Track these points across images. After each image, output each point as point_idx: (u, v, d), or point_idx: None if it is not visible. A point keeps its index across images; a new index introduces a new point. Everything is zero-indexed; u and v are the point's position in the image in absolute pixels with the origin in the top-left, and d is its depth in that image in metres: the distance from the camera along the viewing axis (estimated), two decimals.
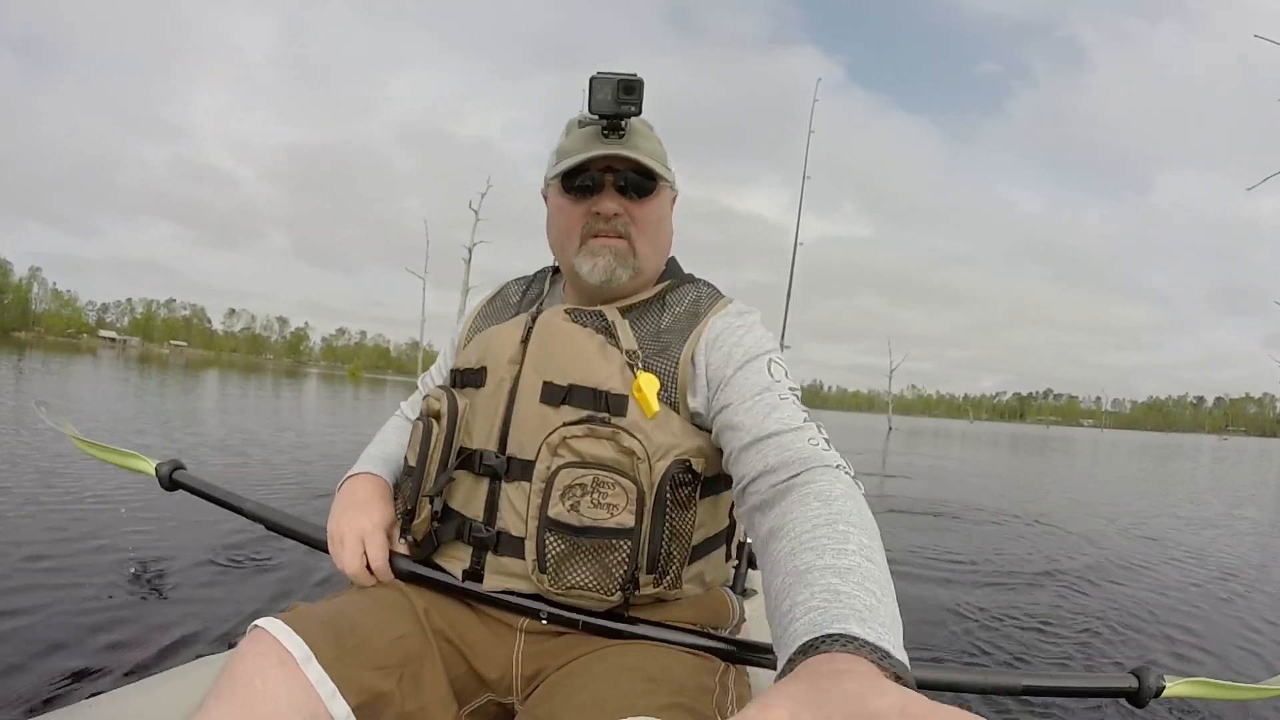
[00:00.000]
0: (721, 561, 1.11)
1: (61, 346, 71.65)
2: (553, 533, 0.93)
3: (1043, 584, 3.97)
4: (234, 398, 16.42)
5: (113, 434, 6.89)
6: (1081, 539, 5.58)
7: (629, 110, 0.98)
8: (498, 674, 0.99)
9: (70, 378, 17.13)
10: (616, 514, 0.92)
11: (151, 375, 23.56)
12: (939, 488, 9.06)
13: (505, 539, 0.98)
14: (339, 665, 0.83)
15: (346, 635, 0.88)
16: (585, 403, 0.97)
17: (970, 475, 11.84)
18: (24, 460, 4.89)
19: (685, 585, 1.00)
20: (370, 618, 0.93)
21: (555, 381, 0.99)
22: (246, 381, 27.34)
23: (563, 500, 0.92)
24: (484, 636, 1.01)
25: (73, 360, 29.59)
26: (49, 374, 17.31)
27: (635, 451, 0.93)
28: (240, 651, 0.83)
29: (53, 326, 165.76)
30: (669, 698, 0.80)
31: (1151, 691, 1.05)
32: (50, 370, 19.06)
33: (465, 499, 1.03)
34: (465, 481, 1.03)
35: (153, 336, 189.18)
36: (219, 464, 5.88)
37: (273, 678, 0.79)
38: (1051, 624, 3.21)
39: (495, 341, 1.09)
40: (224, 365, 64.15)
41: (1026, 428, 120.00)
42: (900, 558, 4.30)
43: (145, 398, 13.07)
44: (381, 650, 0.90)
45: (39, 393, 11.58)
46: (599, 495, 0.92)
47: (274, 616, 0.86)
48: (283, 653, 0.81)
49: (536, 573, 0.94)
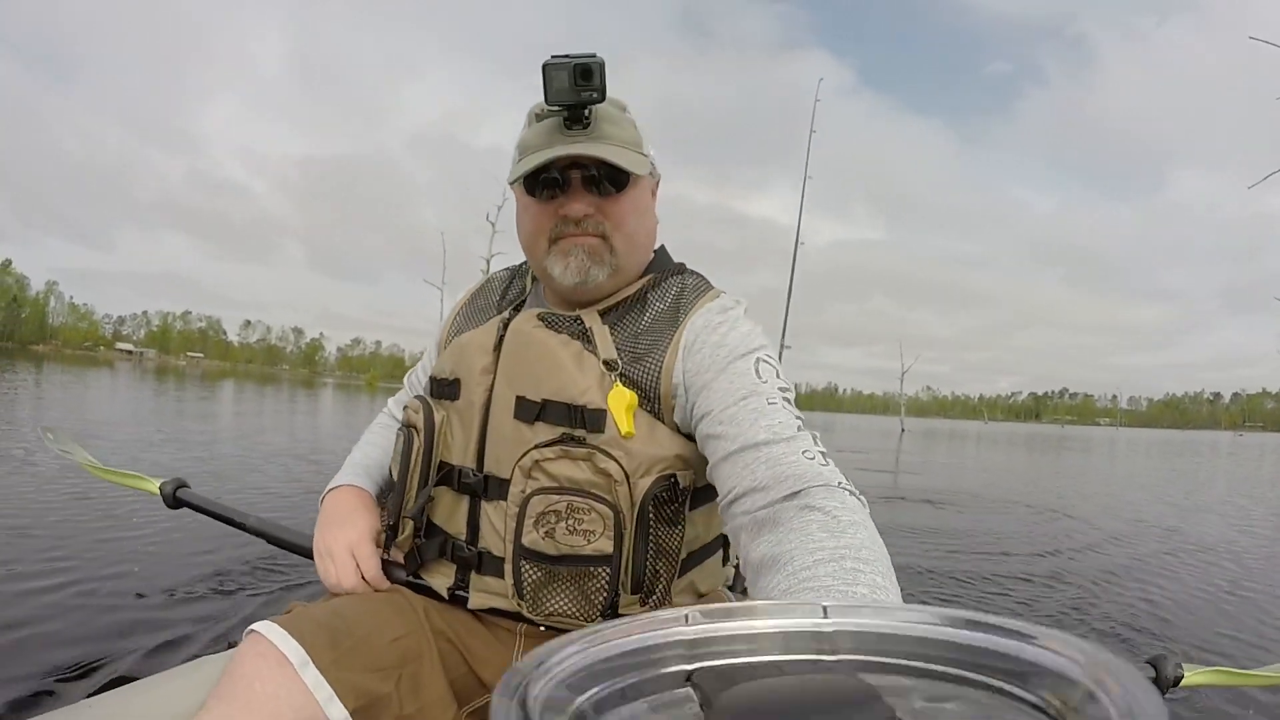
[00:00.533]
0: (717, 568, 1.07)
1: (79, 359, 72.31)
2: (528, 561, 0.89)
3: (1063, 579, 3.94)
4: (270, 413, 16.46)
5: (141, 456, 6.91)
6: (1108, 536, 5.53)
7: (590, 97, 0.87)
8: (497, 675, 0.95)
9: (89, 391, 17.23)
10: (594, 540, 0.87)
11: (170, 389, 23.77)
12: (954, 485, 8.97)
13: (487, 558, 0.95)
14: (336, 668, 0.83)
15: (343, 637, 0.87)
16: (560, 419, 0.91)
17: (984, 474, 11.72)
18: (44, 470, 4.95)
19: (675, 598, 0.96)
20: (368, 619, 0.92)
21: (528, 396, 0.93)
22: (263, 393, 27.52)
23: (536, 528, 0.88)
24: (484, 639, 1.00)
25: (90, 373, 29.83)
26: (67, 388, 17.43)
27: (611, 474, 0.87)
28: (239, 654, 0.83)
29: (70, 339, 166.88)
30: None
31: (1169, 680, 1.02)
32: (69, 384, 19.21)
33: (447, 515, 1.00)
34: (446, 498, 1.00)
35: (169, 349, 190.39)
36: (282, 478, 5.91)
37: (271, 680, 0.79)
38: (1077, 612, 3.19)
39: (467, 350, 1.03)
40: (240, 376, 64.48)
41: (1042, 427, 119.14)
42: (903, 545, 4.29)
43: (174, 417, 13.03)
44: (379, 651, 0.89)
45: (58, 408, 11.66)
46: (574, 521, 0.87)
47: (271, 620, 0.86)
48: (280, 657, 0.81)
49: (515, 598, 0.92)
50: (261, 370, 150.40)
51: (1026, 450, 23.70)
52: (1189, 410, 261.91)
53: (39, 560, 2.83)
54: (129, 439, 7.69)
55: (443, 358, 1.08)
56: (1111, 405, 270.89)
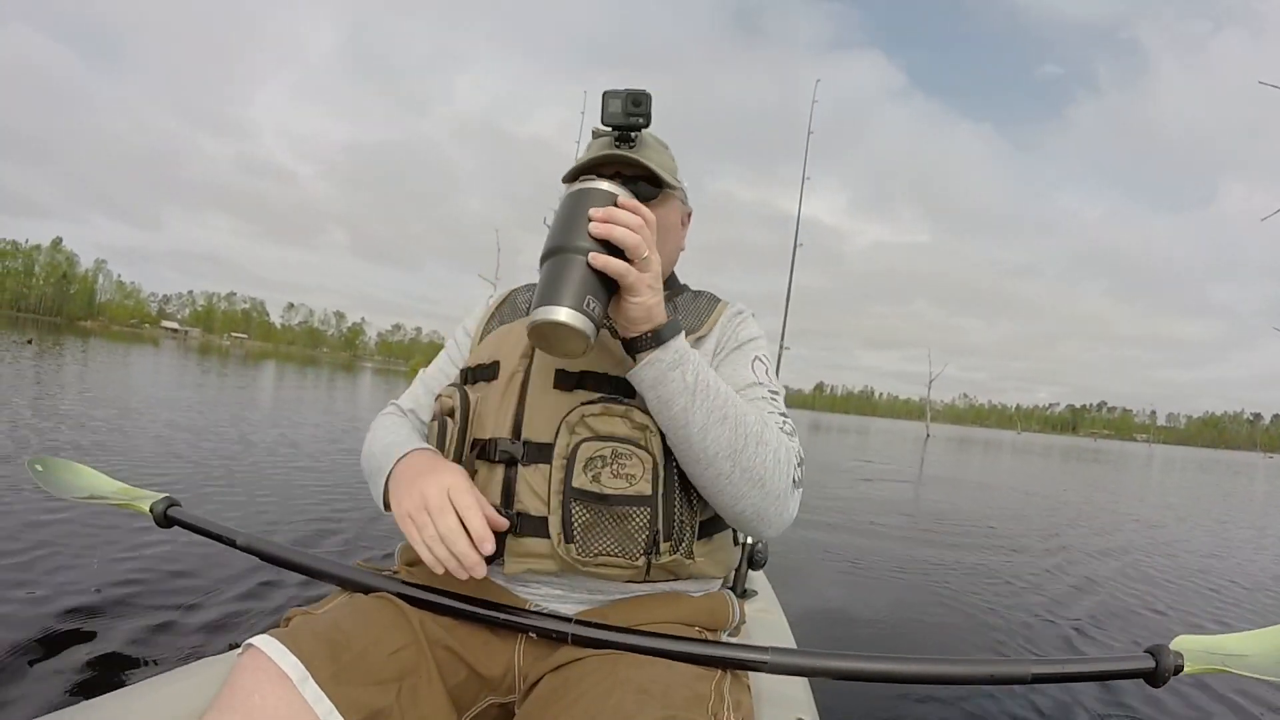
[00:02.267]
0: (729, 543, 1.13)
1: (124, 335, 72.08)
2: (578, 502, 0.95)
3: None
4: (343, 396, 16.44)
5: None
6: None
7: (637, 121, 1.02)
8: (500, 672, 1.00)
9: (157, 369, 17.63)
10: (635, 483, 0.95)
11: (216, 366, 24.13)
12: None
13: (525, 520, 0.99)
14: (335, 683, 0.83)
15: (342, 650, 0.87)
16: (598, 386, 1.01)
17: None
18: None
19: (699, 559, 1.03)
20: (366, 631, 0.93)
21: (567, 368, 1.03)
22: (319, 375, 27.52)
23: (585, 472, 0.95)
24: (485, 637, 1.01)
25: (137, 349, 30.26)
26: (125, 364, 17.95)
27: (648, 425, 0.96)
28: (238, 667, 0.84)
29: (116, 316, 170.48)
30: (660, 711, 0.80)
31: (1170, 669, 0.99)
32: (131, 361, 19.72)
33: (482, 486, 1.03)
34: (481, 470, 1.04)
35: (213, 328, 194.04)
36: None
37: (271, 694, 0.80)
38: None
39: (507, 338, 1.13)
40: (281, 357, 64.96)
41: (1074, 440, 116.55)
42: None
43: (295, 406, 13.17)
44: (379, 665, 0.89)
45: (117, 382, 11.97)
46: (618, 466, 0.95)
47: (268, 634, 0.86)
48: (279, 671, 0.82)
49: (563, 544, 0.95)
50: (302, 352, 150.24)
51: (1042, 459, 23.74)
52: (1228, 429, 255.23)
53: (36, 562, 2.74)
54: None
55: (479, 348, 1.17)
56: (1149, 421, 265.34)
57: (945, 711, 2.23)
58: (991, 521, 6.72)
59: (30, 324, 60.74)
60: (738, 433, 0.91)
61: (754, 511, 0.94)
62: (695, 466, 0.93)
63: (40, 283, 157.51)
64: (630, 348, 0.92)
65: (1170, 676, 0.99)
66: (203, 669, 1.09)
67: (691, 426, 0.90)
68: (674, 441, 0.93)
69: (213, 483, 4.45)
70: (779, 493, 0.94)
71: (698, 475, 0.94)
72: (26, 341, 22.47)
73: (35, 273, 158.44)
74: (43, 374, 11.15)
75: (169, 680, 1.07)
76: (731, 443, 0.91)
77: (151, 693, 1.03)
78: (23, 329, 37.27)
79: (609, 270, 0.84)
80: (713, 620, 1.07)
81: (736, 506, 0.94)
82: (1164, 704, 2.38)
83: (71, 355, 17.98)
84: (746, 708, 0.94)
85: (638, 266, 0.86)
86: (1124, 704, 2.39)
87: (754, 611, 1.53)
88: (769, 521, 0.96)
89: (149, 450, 5.33)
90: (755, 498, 0.93)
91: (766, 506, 0.94)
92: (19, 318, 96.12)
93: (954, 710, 2.24)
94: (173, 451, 5.42)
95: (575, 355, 0.87)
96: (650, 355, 0.90)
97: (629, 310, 0.88)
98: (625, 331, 0.92)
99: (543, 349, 0.88)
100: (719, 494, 0.94)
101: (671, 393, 0.90)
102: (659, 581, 1.04)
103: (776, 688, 1.21)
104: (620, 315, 0.89)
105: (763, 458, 0.92)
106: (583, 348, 0.85)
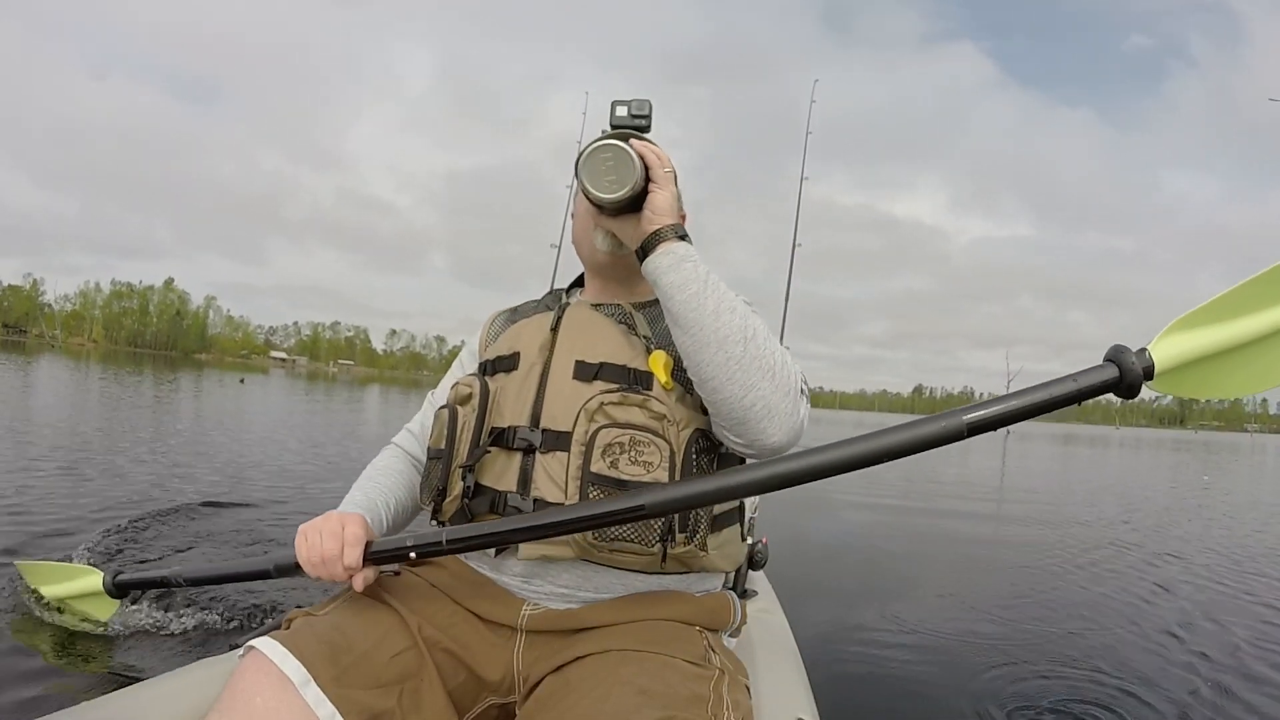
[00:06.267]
0: (738, 539, 1.15)
1: (236, 365, 75.29)
2: (596, 487, 0.96)
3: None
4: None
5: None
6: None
7: (640, 124, 1.04)
8: (499, 674, 1.01)
9: (292, 396, 19.73)
10: (652, 470, 0.96)
11: (339, 390, 25.48)
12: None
13: (542, 506, 1.00)
14: (336, 686, 0.83)
15: (344, 653, 0.87)
16: (617, 377, 1.03)
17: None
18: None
19: (711, 551, 1.04)
20: (366, 635, 0.93)
21: (587, 360, 1.05)
22: (420, 395, 28.42)
23: (603, 458, 0.96)
24: (485, 638, 1.02)
25: (257, 375, 31.23)
26: (267, 393, 20.02)
27: (666, 415, 0.98)
28: (239, 669, 0.84)
29: (227, 349, 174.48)
30: (660, 711, 0.79)
31: (1138, 372, 0.83)
32: (264, 388, 21.89)
33: (498, 474, 1.04)
34: (498, 458, 1.05)
35: (318, 356, 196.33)
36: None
37: (273, 697, 0.80)
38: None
39: (526, 330, 1.15)
40: (385, 381, 67.66)
41: (1174, 433, 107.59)
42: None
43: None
44: (380, 668, 0.89)
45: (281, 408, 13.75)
46: (636, 453, 0.96)
47: (270, 636, 0.86)
48: (280, 674, 0.82)
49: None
50: (406, 376, 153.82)
51: (1102, 451, 22.93)
52: None
53: (38, 556, 2.81)
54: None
55: (498, 341, 1.19)
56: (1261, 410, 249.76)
57: (949, 705, 2.19)
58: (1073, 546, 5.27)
59: (148, 359, 63.40)
60: (748, 323, 0.93)
61: (764, 405, 0.92)
62: (707, 350, 0.91)
63: (155, 320, 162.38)
64: (648, 244, 0.96)
65: (1144, 380, 0.83)
66: (203, 669, 1.10)
67: (704, 310, 0.91)
68: (686, 325, 0.93)
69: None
70: (789, 389, 0.93)
71: (709, 360, 0.92)
72: (239, 381, 26.68)
73: (150, 311, 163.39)
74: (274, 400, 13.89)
75: (169, 680, 1.08)
76: (743, 330, 0.92)
77: (152, 693, 1.04)
78: (141, 364, 39.89)
79: (646, 154, 0.96)
80: (714, 620, 1.07)
81: (747, 398, 0.92)
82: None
83: (267, 388, 20.07)
84: (746, 708, 0.92)
85: (660, 176, 0.96)
86: (1139, 676, 2.42)
87: (755, 612, 1.53)
88: (779, 419, 0.93)
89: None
90: (766, 389, 0.92)
91: (777, 402, 0.92)
92: (137, 353, 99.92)
93: (959, 703, 2.19)
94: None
95: (620, 189, 0.94)
96: (668, 245, 0.94)
97: (655, 201, 0.96)
98: (648, 224, 0.96)
99: (590, 184, 0.96)
100: (729, 381, 0.91)
101: (685, 278, 0.92)
102: (667, 575, 1.04)
103: (776, 688, 1.22)
104: (646, 207, 0.97)
105: (772, 349, 0.93)
106: (631, 178, 0.94)
